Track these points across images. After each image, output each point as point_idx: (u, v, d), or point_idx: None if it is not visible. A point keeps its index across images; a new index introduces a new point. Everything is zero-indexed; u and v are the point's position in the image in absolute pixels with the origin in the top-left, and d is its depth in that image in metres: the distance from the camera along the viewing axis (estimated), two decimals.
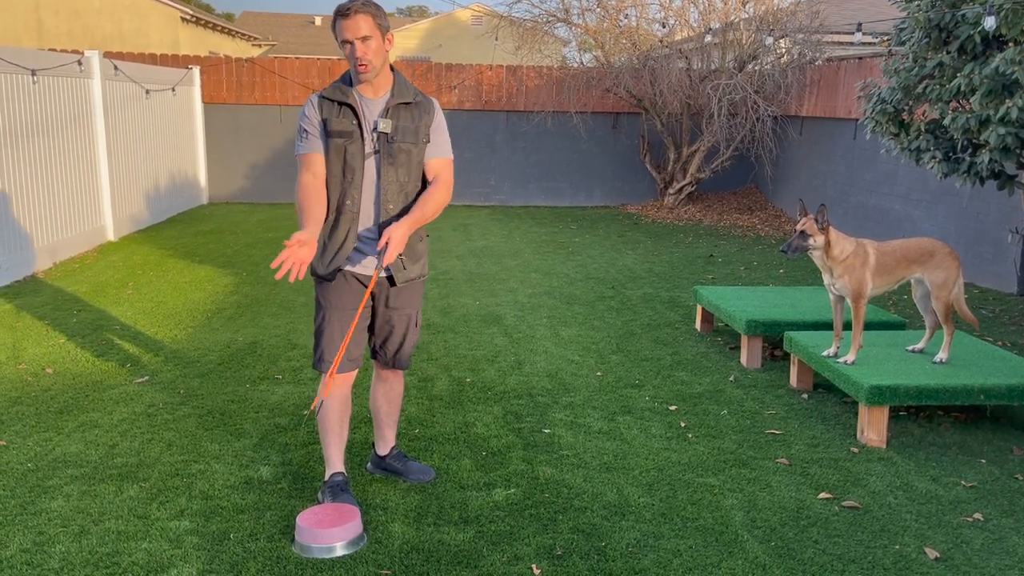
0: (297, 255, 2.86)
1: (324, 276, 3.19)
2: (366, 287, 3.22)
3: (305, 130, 3.12)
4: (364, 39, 2.99)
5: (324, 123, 3.09)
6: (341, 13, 2.97)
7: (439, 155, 3.25)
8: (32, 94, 7.63)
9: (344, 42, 3.00)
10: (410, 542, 3.09)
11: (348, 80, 3.16)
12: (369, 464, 3.68)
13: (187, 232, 10.04)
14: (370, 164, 3.12)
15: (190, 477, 3.60)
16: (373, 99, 3.13)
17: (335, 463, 3.34)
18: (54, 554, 2.98)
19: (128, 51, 15.28)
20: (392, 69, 3.17)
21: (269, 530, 3.16)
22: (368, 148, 3.11)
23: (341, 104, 3.10)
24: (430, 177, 3.24)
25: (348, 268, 3.19)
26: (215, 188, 12.90)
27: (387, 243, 3.03)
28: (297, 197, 3.11)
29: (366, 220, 3.17)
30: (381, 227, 3.14)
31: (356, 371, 3.33)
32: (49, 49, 11.32)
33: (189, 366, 5.08)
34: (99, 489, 3.47)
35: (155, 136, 10.75)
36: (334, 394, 3.28)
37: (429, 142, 3.21)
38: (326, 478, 3.35)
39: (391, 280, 3.25)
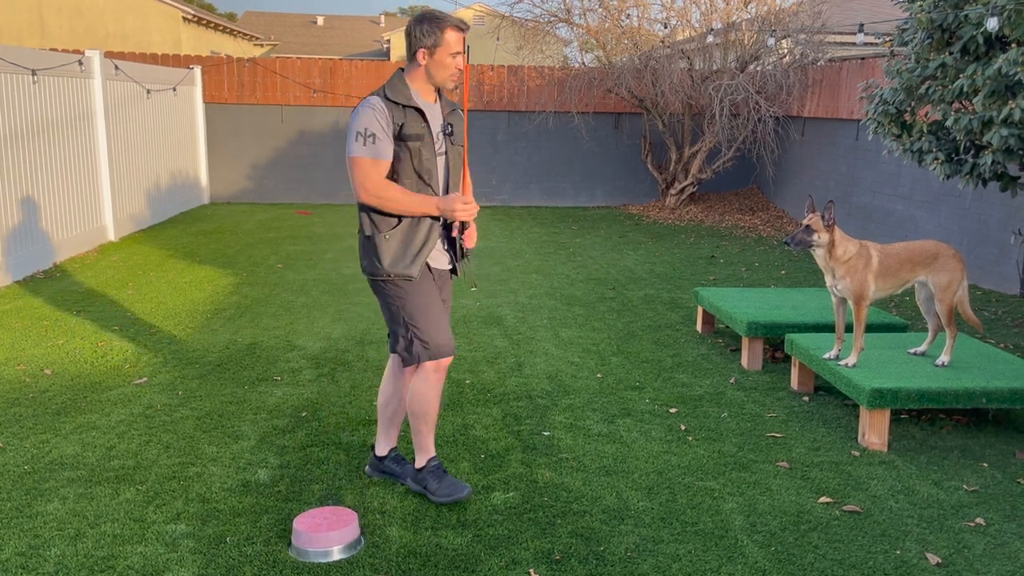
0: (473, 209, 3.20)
1: (407, 275, 3.24)
2: (434, 280, 3.36)
3: (373, 134, 3.13)
4: (462, 54, 3.25)
5: (401, 127, 3.17)
6: (461, 28, 3.21)
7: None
8: (33, 94, 7.62)
9: (456, 53, 3.21)
10: (407, 546, 3.08)
11: (400, 83, 3.24)
12: (367, 467, 3.66)
13: (188, 232, 10.03)
14: (438, 164, 3.29)
15: (187, 480, 3.58)
16: (429, 103, 3.28)
17: (432, 448, 3.46)
18: (49, 558, 2.96)
19: (130, 51, 15.28)
20: None
21: (266, 534, 3.15)
22: (437, 149, 3.27)
23: (406, 107, 3.19)
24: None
25: (430, 263, 3.34)
26: (216, 188, 12.89)
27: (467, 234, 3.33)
28: (390, 191, 3.15)
29: (440, 219, 3.32)
30: (447, 224, 3.33)
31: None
32: (50, 49, 11.32)
33: (188, 367, 5.07)
34: (96, 492, 3.45)
35: (156, 136, 10.74)
36: (440, 381, 3.36)
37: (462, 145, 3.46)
38: (426, 463, 3.43)
39: (454, 271, 3.44)
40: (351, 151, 3.15)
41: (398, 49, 36.43)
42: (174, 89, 11.38)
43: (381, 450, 3.63)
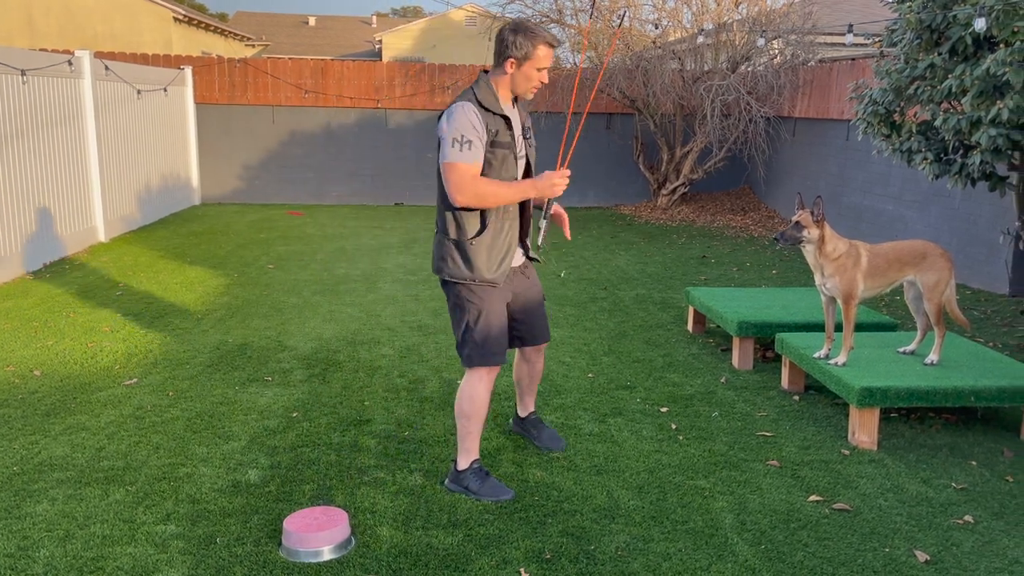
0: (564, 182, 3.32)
1: (492, 282, 3.33)
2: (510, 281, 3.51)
3: (470, 140, 3.17)
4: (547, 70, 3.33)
5: (496, 134, 3.23)
6: (552, 44, 3.26)
7: None
8: (22, 94, 7.58)
9: (542, 68, 3.26)
10: (398, 546, 3.07)
11: (489, 90, 3.27)
12: (512, 421, 4.08)
13: (178, 233, 10.00)
14: (519, 168, 3.41)
15: (177, 480, 3.57)
16: (510, 108, 3.36)
17: (476, 450, 3.53)
18: (38, 559, 2.95)
19: (120, 51, 15.23)
20: None
21: (256, 534, 3.14)
22: (519, 153, 3.36)
23: (495, 115, 3.25)
24: None
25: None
26: (207, 189, 12.86)
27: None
28: (487, 188, 3.21)
29: (518, 220, 3.46)
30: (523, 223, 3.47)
31: None
32: (40, 49, 11.27)
33: (178, 368, 5.05)
34: (85, 493, 3.44)
35: (147, 137, 10.70)
36: (489, 387, 3.44)
37: None
38: (468, 465, 3.48)
39: (531, 258, 3.64)
40: (447, 157, 3.17)
41: (390, 49, 36.36)
42: (165, 89, 11.34)
43: (522, 412, 4.00)
